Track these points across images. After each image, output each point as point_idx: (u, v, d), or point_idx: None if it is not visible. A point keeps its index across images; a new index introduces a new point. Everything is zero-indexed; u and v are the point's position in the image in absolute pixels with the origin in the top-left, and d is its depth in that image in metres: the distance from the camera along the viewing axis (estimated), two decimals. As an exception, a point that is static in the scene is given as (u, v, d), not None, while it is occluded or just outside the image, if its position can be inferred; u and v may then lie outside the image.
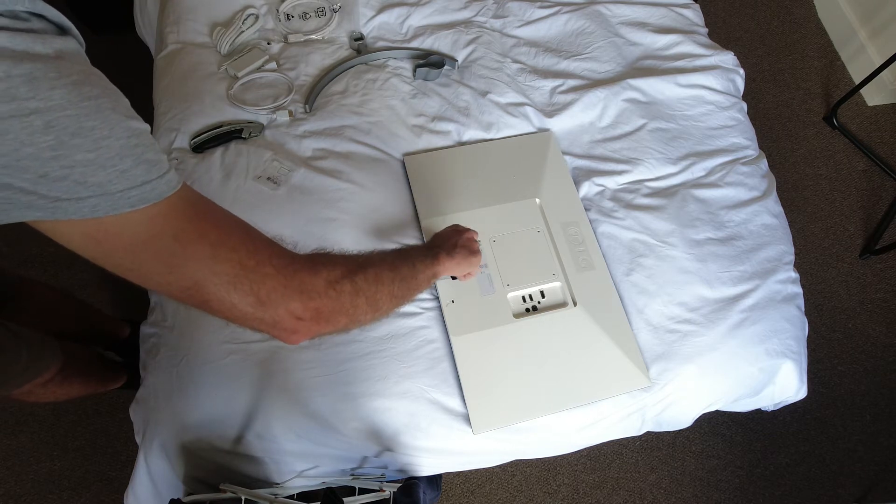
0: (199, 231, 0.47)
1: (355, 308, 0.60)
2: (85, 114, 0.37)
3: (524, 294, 1.05)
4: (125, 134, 0.40)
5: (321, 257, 0.59)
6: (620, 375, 0.99)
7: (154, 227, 0.44)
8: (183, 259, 0.46)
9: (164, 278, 0.47)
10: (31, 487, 1.34)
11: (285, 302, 0.52)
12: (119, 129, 0.39)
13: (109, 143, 0.39)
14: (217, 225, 0.49)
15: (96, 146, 0.38)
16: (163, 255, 0.45)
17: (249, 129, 1.11)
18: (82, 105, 0.37)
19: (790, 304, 1.10)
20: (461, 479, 1.42)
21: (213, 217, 0.49)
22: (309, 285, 0.54)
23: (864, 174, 1.91)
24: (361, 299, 0.60)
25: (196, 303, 0.49)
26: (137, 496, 0.92)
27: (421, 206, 1.08)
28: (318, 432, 0.92)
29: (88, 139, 0.37)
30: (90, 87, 0.38)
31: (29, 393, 1.00)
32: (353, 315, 0.60)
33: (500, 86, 1.24)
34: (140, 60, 1.46)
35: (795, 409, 1.53)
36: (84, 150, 0.37)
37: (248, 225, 0.53)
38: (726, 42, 2.05)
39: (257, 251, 0.51)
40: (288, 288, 0.52)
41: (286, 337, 0.55)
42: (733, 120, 1.28)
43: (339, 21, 1.28)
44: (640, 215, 1.13)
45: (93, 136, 0.38)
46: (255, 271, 0.50)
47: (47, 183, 0.37)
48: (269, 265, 0.51)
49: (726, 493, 1.46)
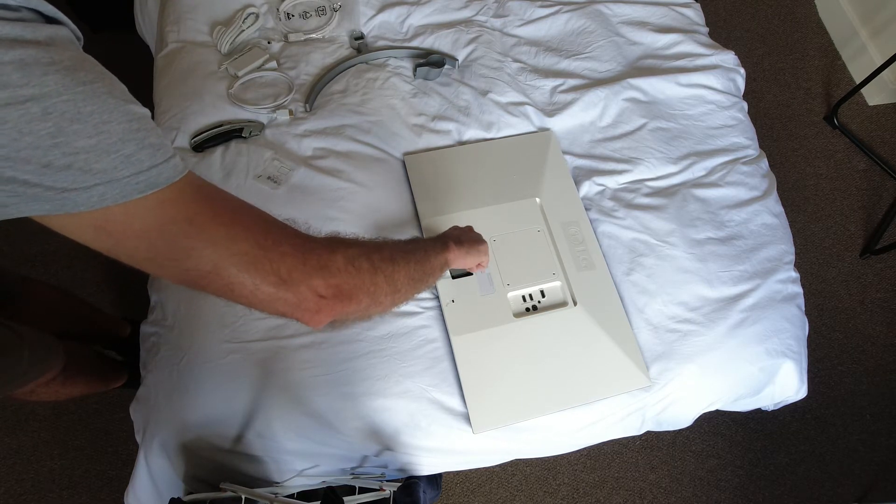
0: (213, 212, 0.46)
1: (375, 286, 0.59)
2: (82, 99, 0.36)
3: (524, 293, 1.05)
4: (125, 118, 0.39)
5: (336, 238, 0.59)
6: (620, 375, 0.99)
7: (166, 213, 0.43)
8: (200, 242, 0.45)
9: (183, 265, 0.46)
10: (32, 486, 1.34)
11: (307, 279, 0.52)
12: (118, 113, 0.39)
13: (110, 127, 0.38)
14: (228, 206, 0.49)
15: (97, 131, 0.37)
16: (179, 240, 0.44)
17: (250, 128, 1.11)
18: (78, 90, 0.36)
19: (790, 303, 1.10)
20: (461, 478, 1.43)
21: (222, 199, 0.49)
22: (328, 261, 0.54)
23: (865, 174, 1.91)
24: (381, 277, 0.60)
25: (217, 288, 0.48)
26: (138, 495, 0.93)
27: (421, 205, 1.08)
28: (318, 431, 0.92)
29: (88, 124, 0.37)
30: (84, 72, 0.37)
31: (31, 392, 1.00)
32: (374, 294, 0.59)
33: (501, 85, 1.24)
34: (140, 59, 1.46)
35: (795, 409, 1.53)
36: (85, 135, 0.37)
37: (258, 208, 0.53)
38: (727, 41, 2.05)
39: (271, 230, 0.51)
40: (307, 265, 0.52)
41: (310, 318, 0.54)
42: (734, 119, 1.28)
43: (340, 20, 1.28)
44: (641, 215, 1.13)
45: (92, 120, 0.37)
46: (272, 250, 0.49)
47: (52, 173, 0.37)
48: (285, 243, 0.51)
49: (726, 492, 1.46)
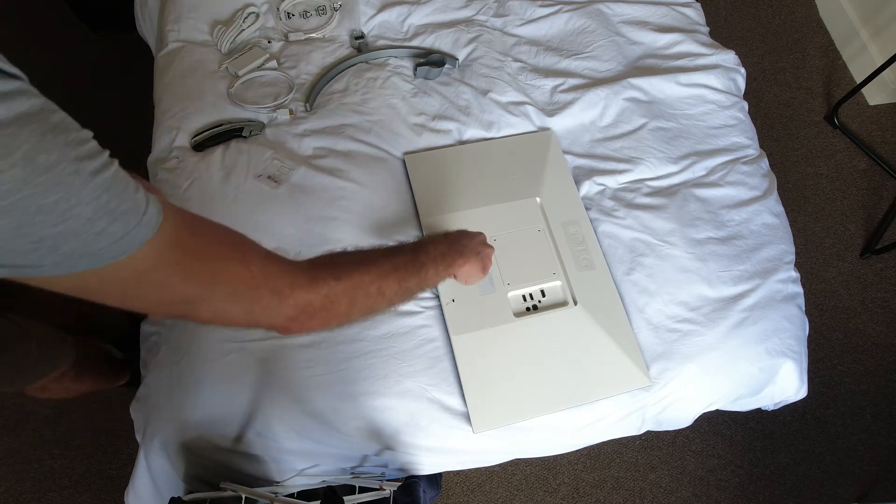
0: (188, 272, 0.45)
1: (348, 317, 0.61)
2: (44, 190, 0.33)
3: (524, 293, 1.05)
4: (93, 195, 0.36)
5: (323, 269, 0.58)
6: (621, 375, 0.99)
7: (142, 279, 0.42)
8: (180, 289, 0.45)
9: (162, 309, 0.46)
10: (32, 485, 1.35)
11: (282, 313, 0.53)
12: (86, 193, 0.35)
13: (77, 210, 0.35)
14: (208, 258, 0.47)
15: (62, 219, 0.35)
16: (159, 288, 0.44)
17: (250, 127, 1.11)
18: (39, 181, 0.33)
19: (791, 303, 1.10)
20: (461, 477, 1.43)
21: (204, 237, 0.47)
22: (304, 302, 0.54)
23: (865, 174, 1.91)
24: (356, 310, 0.61)
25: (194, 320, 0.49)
26: (138, 494, 0.93)
27: (421, 204, 1.08)
28: (318, 431, 0.92)
29: (53, 214, 0.34)
30: (45, 154, 0.33)
31: (43, 389, 0.99)
32: (346, 320, 0.61)
33: (501, 85, 1.24)
34: (140, 59, 1.46)
35: (795, 409, 1.53)
36: (50, 224, 0.34)
37: (242, 237, 0.51)
38: (727, 41, 2.05)
39: (252, 278, 0.50)
40: (283, 305, 0.53)
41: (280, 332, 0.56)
42: (734, 119, 1.28)
43: (340, 19, 1.28)
44: (641, 214, 1.13)
45: (57, 209, 0.34)
46: (247, 297, 0.50)
47: (16, 255, 0.35)
48: (264, 289, 0.51)
49: (726, 492, 1.46)
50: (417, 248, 0.74)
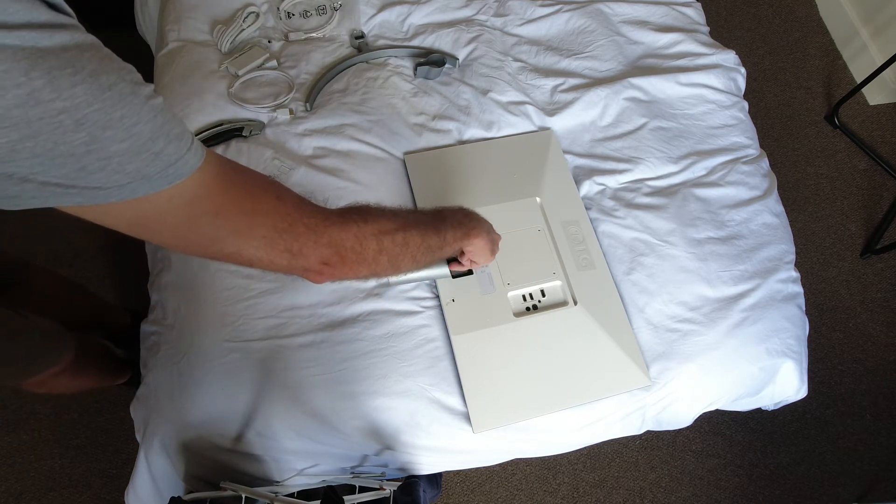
0: (236, 202, 0.50)
1: (377, 263, 0.65)
2: (111, 105, 0.37)
3: (524, 293, 1.05)
4: (151, 114, 0.40)
5: (354, 212, 0.63)
6: (621, 374, 0.99)
7: (194, 209, 0.47)
8: (224, 232, 0.50)
9: (208, 249, 0.51)
10: (32, 485, 1.35)
11: (316, 253, 0.58)
12: (145, 112, 0.39)
13: (140, 128, 0.39)
14: (249, 192, 0.52)
15: (128, 134, 0.38)
16: (206, 231, 0.49)
17: (250, 127, 1.11)
18: (106, 97, 0.37)
19: (791, 303, 1.10)
20: (461, 477, 1.43)
21: (243, 183, 0.52)
22: (338, 240, 0.59)
23: (866, 173, 1.91)
24: (384, 257, 0.65)
25: (237, 262, 0.54)
26: (138, 494, 0.93)
27: (422, 204, 1.08)
28: (318, 431, 0.92)
29: (120, 129, 0.38)
30: (106, 74, 0.37)
31: (41, 384, 0.98)
32: (374, 268, 0.65)
33: (501, 84, 1.24)
34: (140, 58, 1.46)
35: (795, 409, 1.53)
36: (118, 140, 0.38)
37: (278, 184, 0.56)
38: (728, 41, 2.05)
39: (289, 213, 0.55)
40: (318, 243, 0.57)
41: (312, 278, 0.60)
42: (734, 119, 1.28)
43: (340, 19, 1.28)
44: (641, 214, 1.13)
45: (123, 124, 0.38)
46: (288, 231, 0.54)
47: (86, 175, 0.38)
48: (300, 224, 0.55)
49: (726, 492, 1.46)
50: (438, 212, 0.80)
